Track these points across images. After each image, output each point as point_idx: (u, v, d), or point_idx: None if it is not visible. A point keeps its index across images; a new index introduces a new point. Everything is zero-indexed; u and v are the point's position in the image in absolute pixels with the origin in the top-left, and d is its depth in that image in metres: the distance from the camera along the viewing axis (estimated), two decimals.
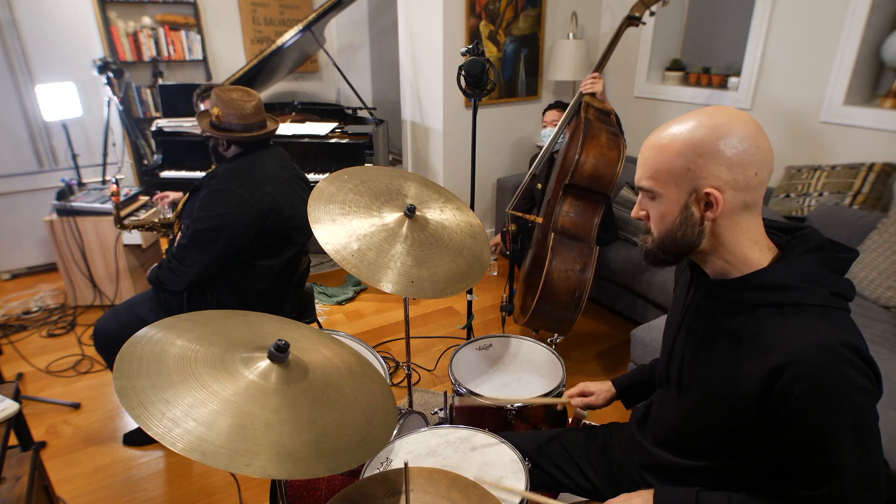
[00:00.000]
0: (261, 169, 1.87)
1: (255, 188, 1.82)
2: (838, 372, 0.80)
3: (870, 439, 0.82)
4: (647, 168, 0.91)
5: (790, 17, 2.70)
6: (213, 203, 1.79)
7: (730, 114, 0.86)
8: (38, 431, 2.24)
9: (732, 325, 0.92)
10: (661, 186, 0.90)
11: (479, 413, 1.55)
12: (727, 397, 0.91)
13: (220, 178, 1.84)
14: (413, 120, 3.89)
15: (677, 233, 0.90)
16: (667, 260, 0.95)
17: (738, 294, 0.91)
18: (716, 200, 0.86)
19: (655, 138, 0.91)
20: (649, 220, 0.95)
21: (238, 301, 1.93)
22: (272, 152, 1.95)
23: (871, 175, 2.40)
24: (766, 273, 0.89)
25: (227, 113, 1.80)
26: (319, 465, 0.84)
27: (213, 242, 1.79)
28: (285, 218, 1.90)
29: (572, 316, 2.35)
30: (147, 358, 0.91)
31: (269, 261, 1.93)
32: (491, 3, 3.45)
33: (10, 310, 3.16)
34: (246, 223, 1.80)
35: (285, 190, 1.91)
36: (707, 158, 0.85)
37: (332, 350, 1.13)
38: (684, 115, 0.90)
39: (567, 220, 2.36)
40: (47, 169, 3.49)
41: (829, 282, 0.87)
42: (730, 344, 0.92)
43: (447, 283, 1.48)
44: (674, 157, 0.87)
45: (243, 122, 1.82)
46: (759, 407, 0.86)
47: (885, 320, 2.03)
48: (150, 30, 3.91)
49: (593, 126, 2.35)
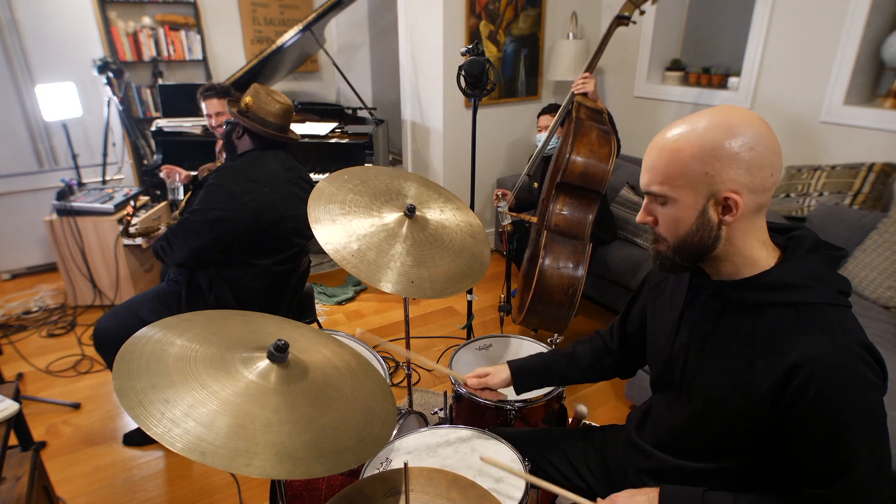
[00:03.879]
0: (263, 168, 1.89)
1: (251, 187, 1.83)
2: (854, 371, 0.80)
3: (882, 436, 0.83)
4: (658, 172, 0.88)
5: (790, 16, 2.70)
6: (208, 196, 1.83)
7: (742, 114, 0.84)
8: (38, 431, 2.24)
9: (743, 325, 0.91)
10: (675, 191, 0.87)
11: (479, 413, 1.55)
12: (739, 398, 0.90)
13: (219, 173, 1.87)
14: (413, 120, 3.89)
15: (693, 238, 0.88)
16: (683, 266, 0.93)
17: (748, 294, 0.90)
18: (735, 204, 0.83)
19: (665, 141, 0.87)
20: (657, 226, 0.93)
21: (235, 298, 1.94)
22: (280, 155, 1.96)
23: (871, 175, 2.40)
24: (775, 273, 0.88)
25: (256, 103, 1.87)
26: (319, 465, 0.84)
27: (201, 232, 1.82)
28: (282, 220, 1.91)
29: (567, 314, 2.35)
30: (146, 358, 0.91)
31: (267, 260, 1.94)
32: (491, 3, 3.45)
33: (10, 310, 3.16)
34: (237, 219, 1.81)
35: (284, 192, 1.91)
36: (725, 162, 0.82)
37: (331, 350, 1.13)
38: (692, 115, 0.87)
39: (560, 219, 2.36)
40: (47, 169, 3.49)
41: (833, 280, 0.87)
42: (741, 344, 0.91)
43: (447, 283, 1.48)
44: (689, 160, 0.84)
45: (267, 117, 1.88)
46: (773, 406, 0.86)
47: (885, 320, 2.03)
48: (150, 30, 3.91)
49: (584, 124, 2.36)
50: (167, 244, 1.88)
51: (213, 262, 1.91)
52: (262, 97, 1.88)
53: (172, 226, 1.90)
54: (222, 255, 1.89)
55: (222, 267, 1.92)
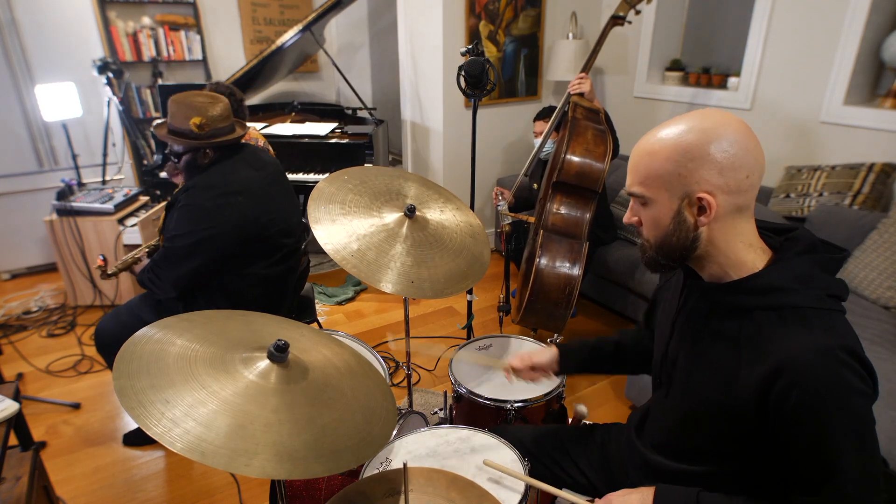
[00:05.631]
0: (233, 177, 1.79)
1: (225, 199, 1.75)
2: (836, 376, 0.79)
3: (868, 442, 0.82)
4: (638, 174, 0.91)
5: (790, 17, 2.70)
6: (183, 220, 1.74)
7: (719, 117, 0.85)
8: (38, 431, 2.24)
9: (729, 328, 0.91)
10: (653, 192, 0.89)
11: (479, 413, 1.55)
12: (724, 401, 0.90)
13: (189, 193, 1.76)
14: (413, 120, 3.89)
15: (672, 238, 0.90)
16: (668, 266, 0.94)
17: (734, 298, 0.90)
18: (709, 205, 0.85)
19: (645, 143, 0.90)
20: (641, 226, 0.95)
21: (234, 307, 1.87)
22: (245, 156, 1.86)
23: (871, 175, 2.40)
24: (761, 276, 0.88)
25: (210, 118, 1.72)
26: (319, 465, 0.84)
27: (186, 259, 1.75)
28: (265, 224, 1.84)
29: (564, 312, 2.35)
30: (147, 358, 0.91)
31: (261, 267, 1.88)
32: (491, 3, 3.45)
33: (10, 310, 3.16)
34: (218, 236, 1.74)
35: (261, 195, 1.83)
36: (698, 163, 0.84)
37: (331, 350, 1.13)
38: (673, 119, 0.89)
39: (557, 218, 2.37)
40: (47, 169, 3.49)
41: (824, 283, 0.87)
42: (726, 347, 0.91)
43: (447, 283, 1.48)
44: (664, 162, 0.86)
45: (219, 124, 1.75)
46: (757, 412, 0.86)
47: (885, 320, 2.03)
48: (149, 30, 3.90)
49: (580, 124, 2.36)
50: (155, 277, 1.80)
51: (207, 282, 1.85)
52: (203, 106, 1.72)
53: (155, 257, 1.81)
54: (215, 272, 1.82)
55: (216, 281, 1.86)
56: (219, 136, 1.76)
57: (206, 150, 1.77)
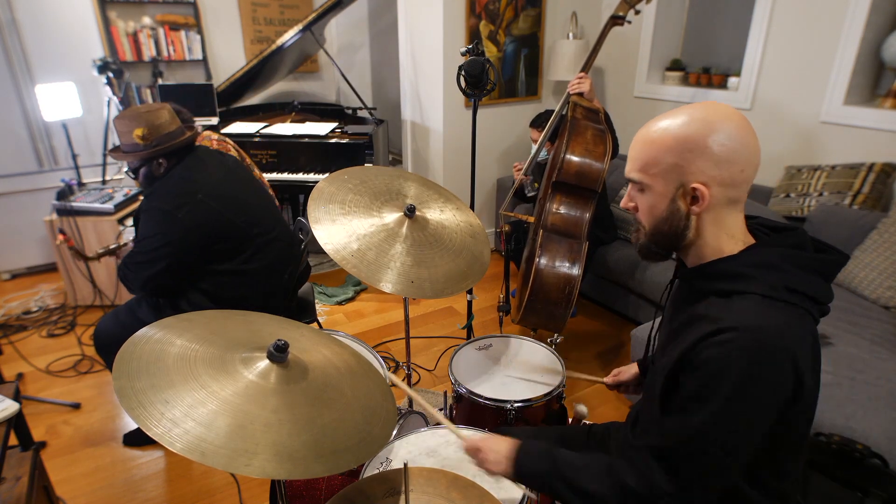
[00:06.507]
0: (190, 177, 1.81)
1: (182, 200, 1.75)
2: (742, 357, 0.79)
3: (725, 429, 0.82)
4: (637, 161, 0.93)
5: (790, 17, 2.70)
6: (146, 225, 1.77)
7: (721, 111, 0.87)
8: (38, 431, 2.24)
9: (695, 312, 0.91)
10: (650, 179, 0.91)
11: (480, 413, 1.55)
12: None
13: (149, 198, 1.78)
14: (413, 120, 3.89)
15: (664, 225, 0.92)
16: (659, 253, 0.97)
17: (699, 282, 0.93)
18: (702, 195, 0.87)
19: (646, 131, 0.92)
20: (638, 212, 0.97)
21: (218, 307, 1.86)
22: (199, 155, 1.88)
23: (871, 175, 2.40)
24: (725, 261, 0.90)
25: (153, 127, 1.73)
26: (319, 465, 0.84)
27: (150, 262, 1.76)
28: (228, 219, 1.83)
29: (564, 312, 2.35)
30: (146, 358, 0.91)
31: (236, 263, 1.87)
32: (491, 3, 3.45)
33: (10, 310, 3.16)
34: (178, 238, 1.74)
35: (221, 191, 1.83)
36: (696, 154, 0.86)
37: (331, 350, 1.13)
38: (675, 109, 0.91)
39: (556, 218, 2.37)
40: (47, 169, 3.49)
41: (789, 276, 0.85)
42: (685, 328, 0.91)
43: (447, 283, 1.48)
44: (663, 151, 0.88)
45: (166, 130, 1.76)
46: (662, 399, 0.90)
47: (885, 320, 2.03)
48: (150, 30, 3.90)
49: (579, 124, 2.37)
50: (129, 272, 1.82)
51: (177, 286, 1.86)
52: (146, 116, 1.72)
53: (125, 257, 1.84)
54: (186, 273, 1.83)
55: (193, 281, 1.86)
56: (166, 142, 1.77)
57: (158, 160, 1.79)
